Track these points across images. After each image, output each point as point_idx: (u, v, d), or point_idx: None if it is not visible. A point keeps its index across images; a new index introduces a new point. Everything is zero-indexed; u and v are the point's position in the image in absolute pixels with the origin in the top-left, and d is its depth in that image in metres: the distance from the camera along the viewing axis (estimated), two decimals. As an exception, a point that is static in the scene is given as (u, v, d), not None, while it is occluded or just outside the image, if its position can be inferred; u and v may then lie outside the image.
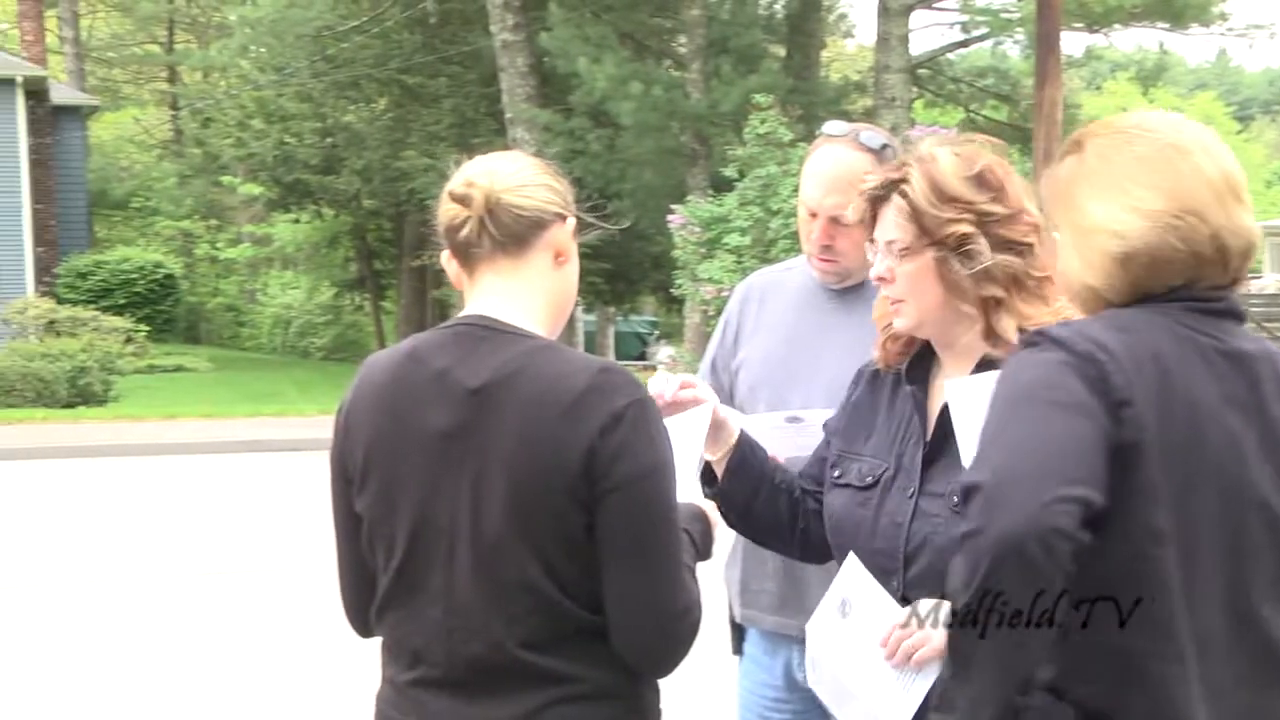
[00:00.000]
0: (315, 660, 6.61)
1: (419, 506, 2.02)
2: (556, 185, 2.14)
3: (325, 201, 32.79)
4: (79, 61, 44.75)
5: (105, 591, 8.24)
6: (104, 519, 11.05)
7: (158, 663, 6.64)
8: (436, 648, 2.02)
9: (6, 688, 6.21)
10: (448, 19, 29.03)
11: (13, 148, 31.17)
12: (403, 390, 2.05)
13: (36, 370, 20.26)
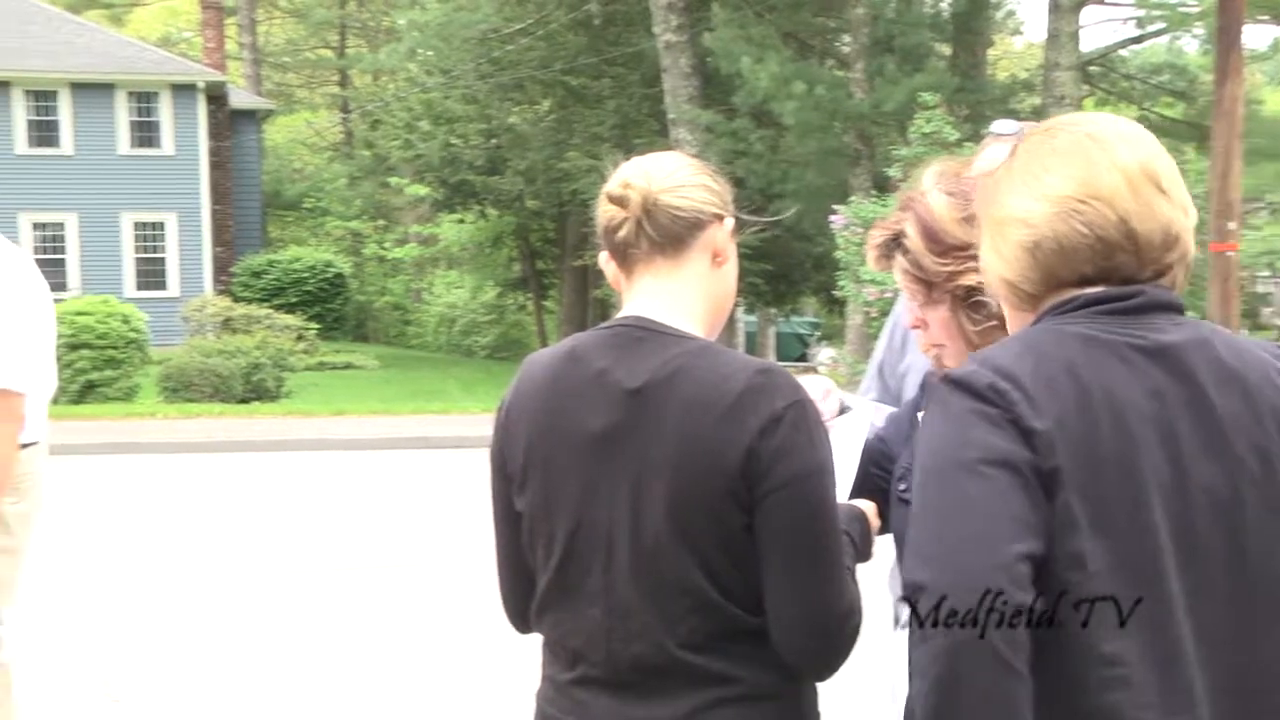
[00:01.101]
0: (476, 656, 6.69)
1: (578, 506, 2.02)
2: (714, 185, 2.12)
3: (489, 202, 33.29)
4: (256, 67, 46.19)
5: (276, 581, 8.45)
6: (275, 511, 11.35)
7: (321, 653, 6.78)
8: (596, 647, 2.02)
9: (177, 673, 6.42)
10: (611, 21, 29.24)
11: (194, 151, 32.30)
12: (562, 390, 2.05)
13: (214, 366, 20.92)
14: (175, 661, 6.63)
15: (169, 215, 32.25)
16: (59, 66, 31.42)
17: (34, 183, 28.95)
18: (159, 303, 29.62)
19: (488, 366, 32.73)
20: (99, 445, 14.92)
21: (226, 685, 6.25)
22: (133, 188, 31.74)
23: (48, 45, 32.16)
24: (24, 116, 31.17)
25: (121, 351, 20.55)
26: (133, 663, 6.57)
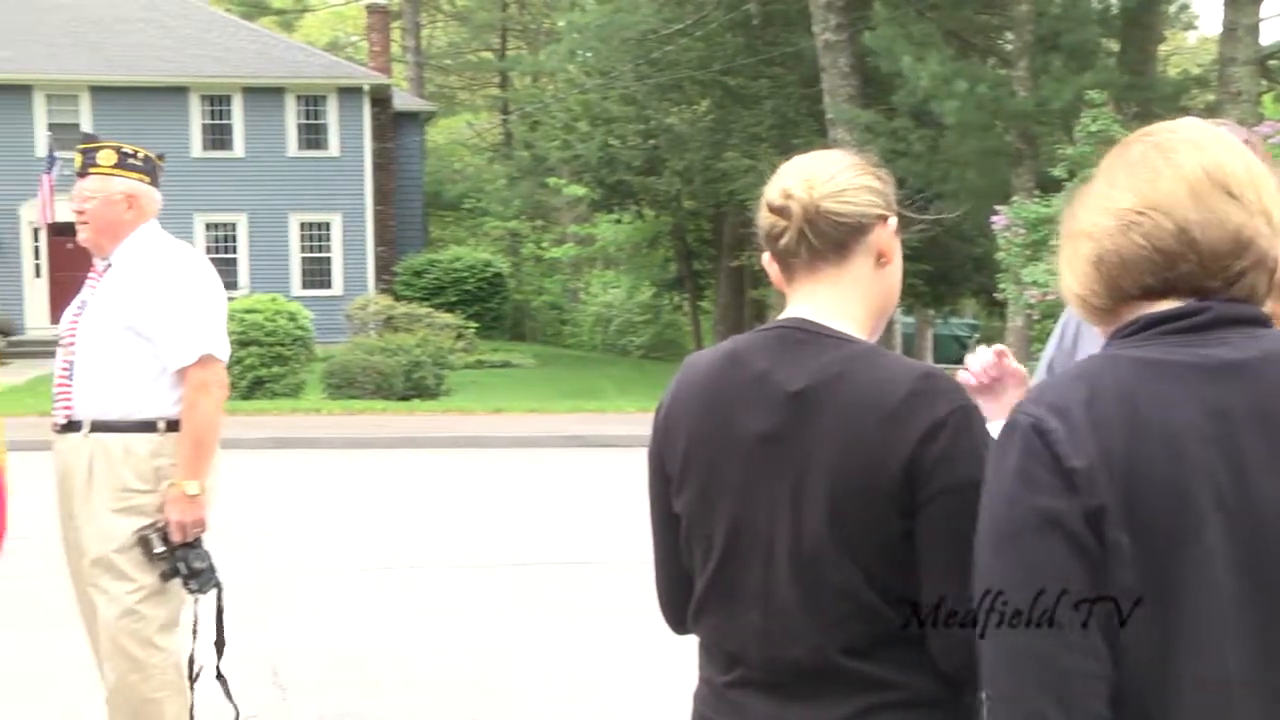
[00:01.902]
0: (630, 656, 6.70)
1: (737, 509, 2.00)
2: (877, 185, 2.08)
3: (646, 202, 33.42)
4: (419, 70, 47.09)
5: (436, 574, 8.58)
6: (435, 506, 11.54)
7: (477, 646, 6.86)
8: (754, 651, 2.00)
9: (342, 663, 6.55)
10: (770, 20, 29.13)
11: (359, 153, 33.06)
12: (722, 392, 2.04)
13: (376, 364, 21.36)
14: (340, 652, 6.76)
15: (334, 216, 33.05)
16: (233, 72, 32.43)
17: (208, 184, 29.91)
18: (324, 301, 30.37)
19: (642, 366, 32.86)
20: (266, 440, 15.33)
21: (388, 676, 6.36)
22: (300, 189, 32.61)
23: (223, 51, 33.22)
24: (199, 121, 32.24)
25: (288, 349, 21.10)
26: (299, 652, 6.72)
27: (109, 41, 33.21)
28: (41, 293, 31.76)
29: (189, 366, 4.24)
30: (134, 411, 4.25)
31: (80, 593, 4.41)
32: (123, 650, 4.22)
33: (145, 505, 4.22)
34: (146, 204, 4.43)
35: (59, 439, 4.37)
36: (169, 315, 4.23)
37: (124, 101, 31.15)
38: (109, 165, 4.38)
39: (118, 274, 4.35)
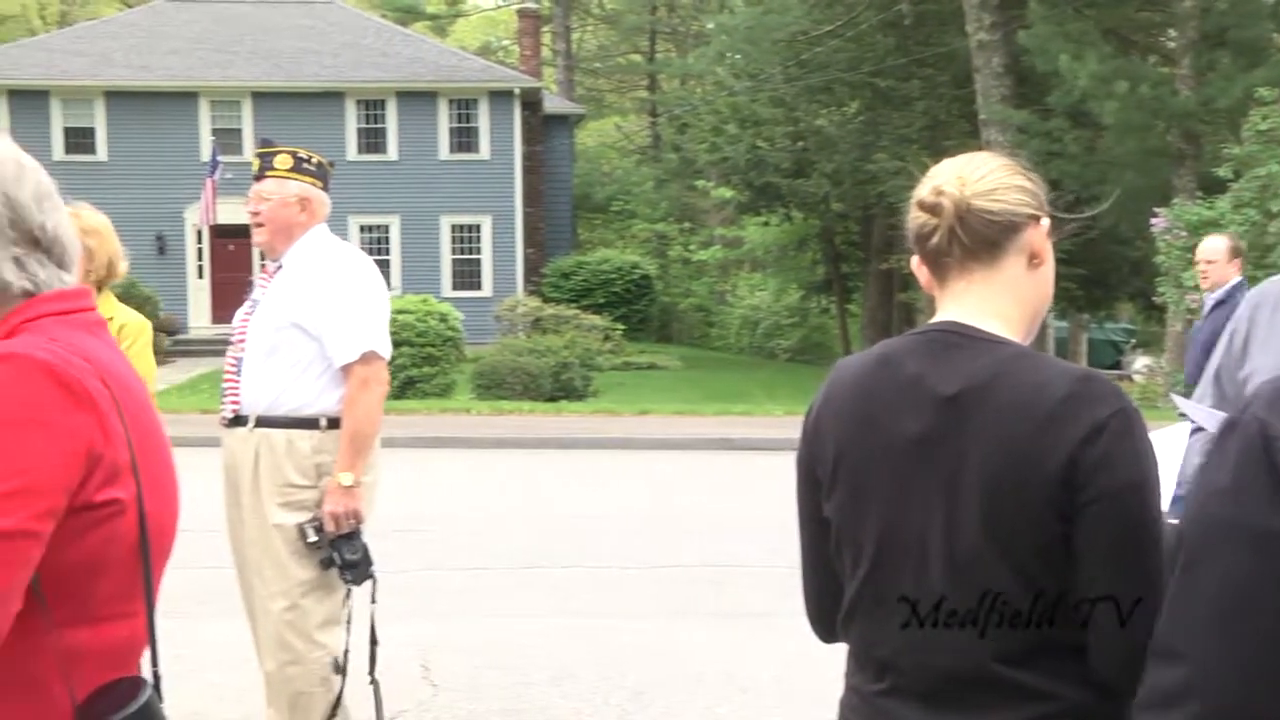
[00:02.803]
0: (778, 661, 6.66)
1: (889, 514, 1.98)
2: (1029, 185, 2.05)
3: (794, 204, 33.27)
4: (569, 73, 47.51)
5: (586, 574, 8.63)
6: (582, 507, 11.61)
7: (633, 647, 6.88)
8: (906, 658, 1.97)
9: (493, 661, 6.62)
10: (922, 21, 28.78)
11: (509, 156, 33.47)
12: (874, 396, 2.02)
13: (524, 365, 21.58)
14: (491, 649, 6.84)
15: (484, 218, 33.51)
16: (387, 77, 33.09)
17: (363, 187, 30.55)
18: (473, 302, 30.79)
19: (790, 369, 32.71)
20: (416, 439, 15.55)
21: (537, 674, 6.40)
22: (451, 191, 33.14)
23: (378, 57, 33.92)
24: (355, 125, 32.96)
25: (439, 349, 21.43)
26: (450, 649, 6.81)
27: (271, 49, 34.15)
28: (204, 293, 32.76)
29: (352, 364, 4.34)
30: (298, 408, 4.35)
31: (244, 584, 4.52)
32: (283, 642, 4.32)
33: (307, 500, 4.32)
34: (318, 207, 4.54)
35: (226, 433, 4.49)
36: (335, 314, 4.34)
37: (283, 107, 31.98)
38: (285, 169, 4.50)
39: (288, 275, 4.46)
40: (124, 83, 32.48)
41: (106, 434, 1.74)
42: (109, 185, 28.06)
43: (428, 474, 13.22)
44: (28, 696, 1.72)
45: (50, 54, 33.64)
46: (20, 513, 1.63)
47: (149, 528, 1.81)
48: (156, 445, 1.87)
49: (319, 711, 4.34)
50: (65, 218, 1.89)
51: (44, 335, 1.76)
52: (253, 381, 4.41)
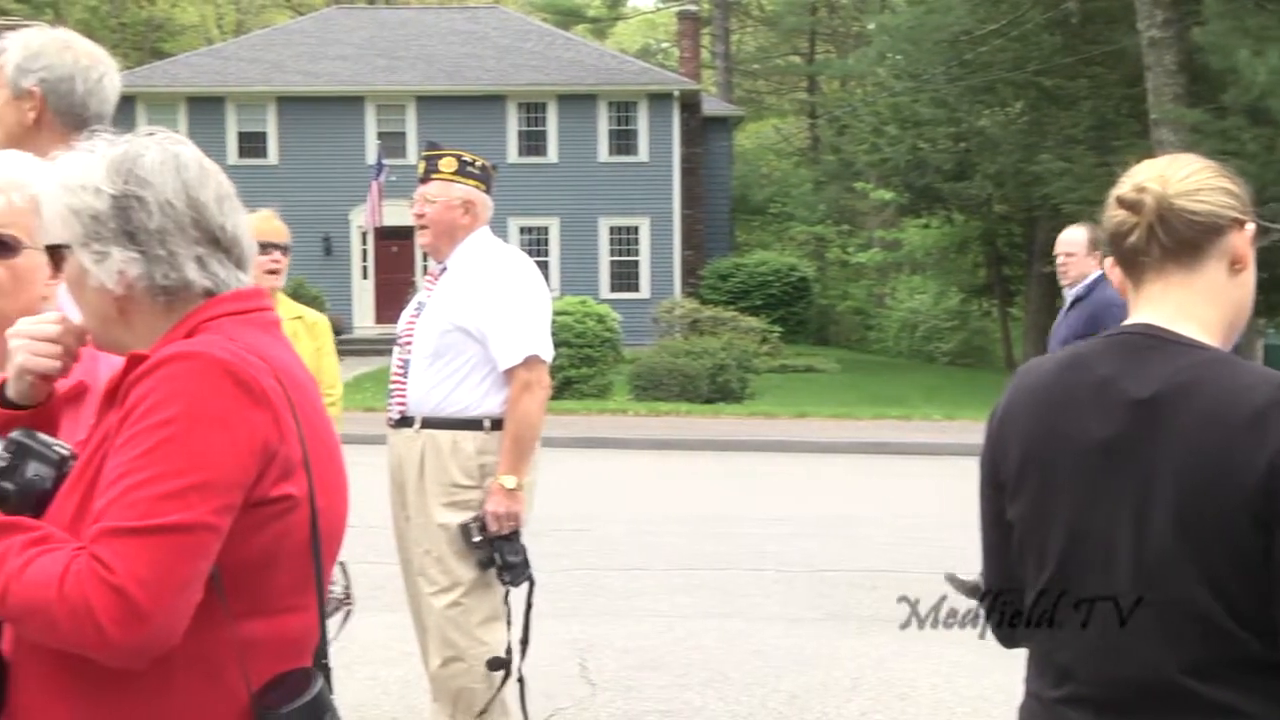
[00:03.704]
0: (936, 667, 6.56)
1: (1075, 518, 1.94)
2: (1233, 188, 2.00)
3: (956, 206, 32.76)
4: (727, 75, 47.50)
5: (738, 577, 8.60)
6: (739, 509, 11.58)
7: (774, 652, 6.84)
8: (1089, 666, 1.93)
9: (652, 661, 6.64)
10: (1090, 18, 28.08)
11: (668, 158, 33.59)
12: (1061, 398, 1.98)
13: (681, 366, 21.63)
14: (648, 649, 6.86)
15: (642, 220, 33.67)
16: (548, 80, 33.47)
17: (523, 189, 30.93)
18: (631, 304, 30.96)
19: (949, 373, 32.22)
20: (574, 439, 15.69)
21: (695, 675, 6.40)
22: (610, 194, 33.36)
23: (539, 60, 34.32)
24: (516, 128, 33.40)
25: (597, 350, 21.60)
26: (607, 648, 6.85)
27: (435, 53, 34.80)
28: (368, 294, 33.51)
29: (515, 366, 4.38)
30: (463, 409, 4.42)
31: (409, 581, 4.60)
32: (446, 639, 4.39)
33: (471, 500, 4.38)
34: (481, 210, 4.60)
35: (393, 433, 4.58)
36: (498, 317, 4.39)
37: (446, 110, 32.55)
38: (450, 172, 4.57)
39: (452, 277, 4.53)
40: (294, 88, 33.41)
41: (281, 431, 1.78)
42: (279, 188, 28.80)
43: (585, 474, 13.32)
44: (207, 684, 1.77)
45: (225, 62, 34.76)
46: (200, 507, 1.69)
47: (320, 523, 1.85)
48: (327, 442, 1.91)
49: (481, 707, 4.40)
50: (244, 219, 1.94)
51: (223, 335, 1.81)
52: (419, 383, 4.48)
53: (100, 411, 1.85)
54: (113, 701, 1.76)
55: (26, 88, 2.85)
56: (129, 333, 1.88)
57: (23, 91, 2.85)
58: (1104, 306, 7.45)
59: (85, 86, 2.89)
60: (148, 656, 1.68)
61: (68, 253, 1.87)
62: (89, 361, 2.24)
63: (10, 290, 2.22)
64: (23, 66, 2.86)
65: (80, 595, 1.63)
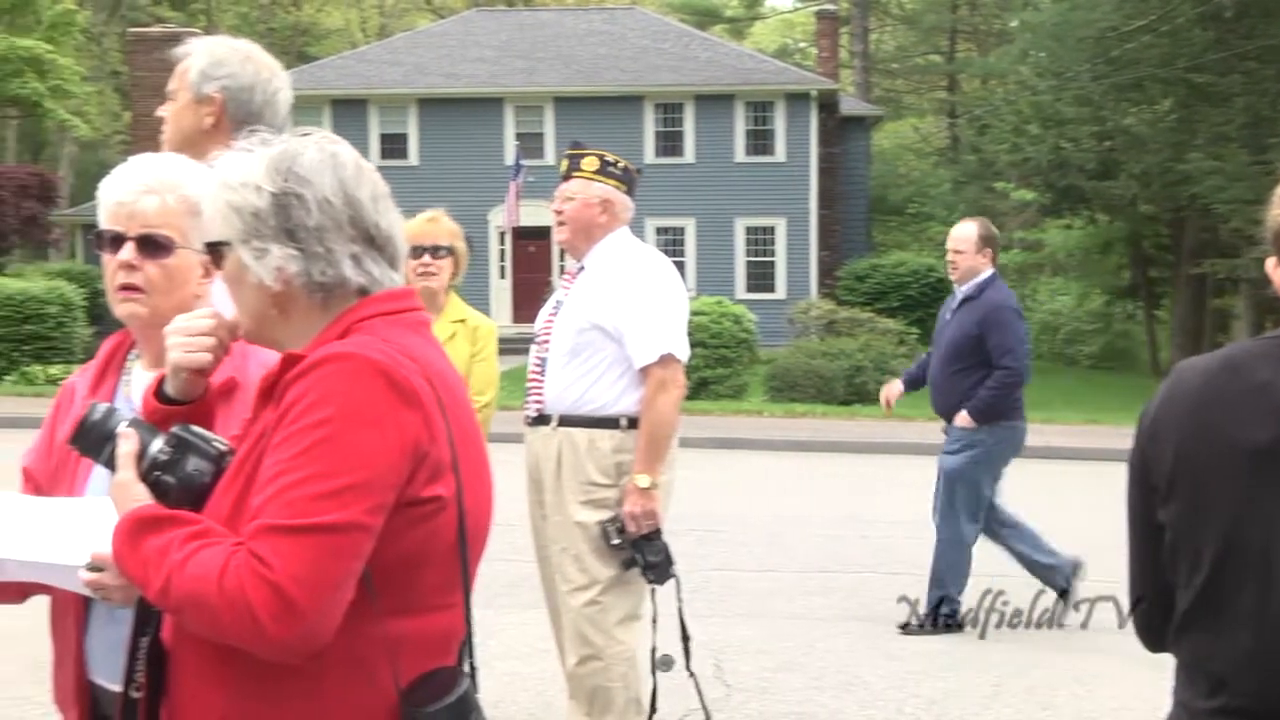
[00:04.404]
0: (1074, 677, 6.43)
1: (1230, 524, 1.89)
2: None
3: (1100, 206, 32.09)
4: (865, 74, 47.11)
5: (873, 580, 8.51)
6: (879, 512, 11.46)
7: (912, 656, 6.76)
8: (1245, 676, 1.88)
9: (789, 665, 6.61)
10: (1245, 12, 27.28)
11: (805, 158, 33.41)
12: (1217, 402, 1.93)
13: (817, 368, 21.50)
14: (782, 652, 6.83)
15: (779, 220, 33.54)
16: (685, 80, 33.50)
17: (659, 190, 30.98)
18: (767, 305, 30.85)
19: (1091, 376, 31.56)
20: (709, 440, 15.67)
21: (830, 679, 6.36)
22: (747, 194, 33.28)
23: (677, 61, 34.38)
24: (653, 128, 33.50)
25: (732, 351, 21.56)
26: (742, 650, 6.83)
27: (574, 55, 35.06)
28: (505, 293, 33.88)
29: (650, 365, 4.39)
30: (600, 408, 4.44)
31: (546, 579, 4.64)
32: (584, 637, 4.41)
33: (608, 499, 4.39)
34: (620, 210, 4.62)
35: (529, 431, 4.61)
36: (635, 316, 4.40)
37: (584, 111, 32.76)
38: (591, 171, 4.59)
39: (590, 276, 4.56)
40: (435, 90, 33.91)
41: (432, 433, 1.81)
42: (420, 188, 29.18)
43: (720, 475, 13.30)
44: (357, 680, 1.81)
45: (368, 65, 35.42)
46: (354, 506, 1.72)
47: (467, 524, 1.87)
48: (475, 443, 1.93)
49: (618, 706, 4.42)
50: (397, 219, 1.97)
51: (375, 336, 1.84)
52: (556, 381, 4.51)
53: (256, 408, 1.89)
54: (266, 694, 1.80)
55: (208, 93, 2.96)
56: (285, 329, 1.92)
57: (204, 97, 2.96)
58: (994, 308, 7.30)
59: (263, 97, 2.99)
60: (303, 652, 1.72)
61: (227, 250, 1.91)
62: (239, 358, 2.29)
63: (164, 288, 2.29)
64: (207, 73, 2.96)
65: (239, 590, 1.67)
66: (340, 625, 1.74)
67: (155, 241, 2.27)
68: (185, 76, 2.99)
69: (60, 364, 21.87)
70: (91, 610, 2.30)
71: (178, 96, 3.01)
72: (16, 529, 2.10)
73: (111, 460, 1.89)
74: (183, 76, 3.00)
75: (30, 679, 5.96)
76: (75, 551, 1.99)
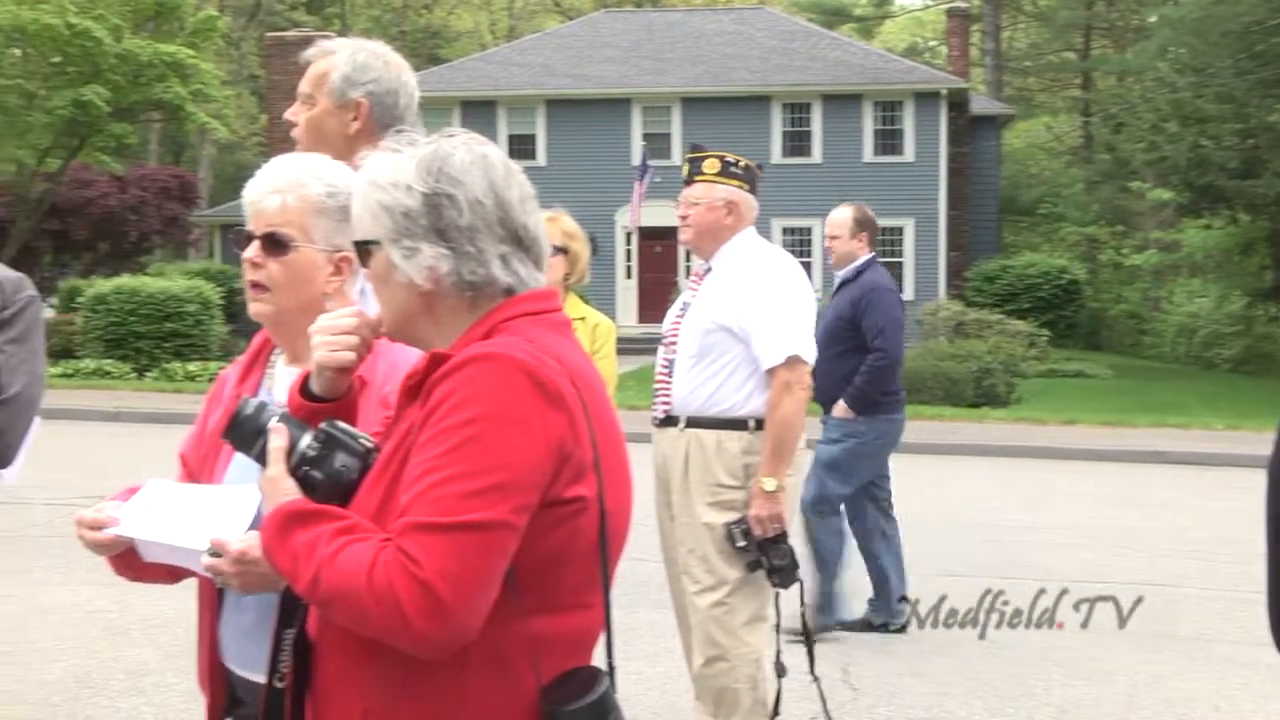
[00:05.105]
0: (1213, 689, 6.27)
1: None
2: None
3: (1241, 206, 31.19)
4: (997, 73, 46.44)
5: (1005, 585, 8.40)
6: (1004, 516, 11.30)
7: (1046, 664, 6.65)
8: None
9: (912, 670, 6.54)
10: (1399, 3, 26.37)
11: (934, 157, 33.04)
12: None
13: (945, 370, 21.24)
14: (911, 657, 6.76)
15: (907, 221, 33.20)
16: (813, 80, 33.32)
17: (786, 190, 30.87)
18: (895, 305, 30.49)
19: (1231, 380, 30.69)
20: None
21: (956, 685, 6.28)
22: (874, 194, 32.88)
23: (804, 60, 34.22)
24: (780, 128, 33.37)
25: (859, 352, 21.38)
26: (870, 655, 6.78)
27: (701, 55, 35.07)
28: (631, 293, 34.00)
29: (776, 366, 4.38)
30: (728, 409, 4.44)
31: (673, 579, 4.65)
32: (710, 638, 4.41)
33: (736, 500, 4.39)
34: (745, 211, 4.61)
35: (657, 432, 4.63)
36: (761, 316, 4.39)
37: (710, 112, 32.76)
38: (713, 173, 4.60)
39: (717, 277, 4.56)
40: (562, 91, 34.15)
41: (576, 433, 1.82)
42: (547, 189, 28.79)
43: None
44: (499, 677, 1.83)
45: (497, 66, 35.80)
46: (500, 505, 1.74)
47: (608, 524, 1.88)
48: (616, 444, 1.95)
49: (744, 708, 4.41)
50: (542, 220, 1.99)
51: (520, 336, 1.86)
52: (683, 383, 4.52)
53: (400, 406, 1.92)
54: (408, 691, 1.83)
55: (354, 99, 2.98)
56: (432, 328, 1.95)
57: (348, 102, 2.98)
58: (869, 289, 7.11)
59: (405, 100, 3.03)
60: (448, 649, 1.74)
61: (375, 249, 1.94)
62: (369, 358, 2.34)
63: (286, 285, 2.33)
64: (351, 79, 2.99)
65: (388, 586, 1.70)
66: (484, 623, 1.76)
67: (276, 239, 2.32)
68: (325, 81, 3.00)
69: (198, 361, 22.47)
70: (224, 596, 2.38)
71: (316, 101, 3.01)
72: (158, 513, 2.19)
73: (262, 454, 1.94)
74: (320, 81, 3.01)
75: (172, 667, 6.15)
76: (203, 536, 2.05)
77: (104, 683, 6.01)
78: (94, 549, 2.26)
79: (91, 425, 16.40)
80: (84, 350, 23.01)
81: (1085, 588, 8.57)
